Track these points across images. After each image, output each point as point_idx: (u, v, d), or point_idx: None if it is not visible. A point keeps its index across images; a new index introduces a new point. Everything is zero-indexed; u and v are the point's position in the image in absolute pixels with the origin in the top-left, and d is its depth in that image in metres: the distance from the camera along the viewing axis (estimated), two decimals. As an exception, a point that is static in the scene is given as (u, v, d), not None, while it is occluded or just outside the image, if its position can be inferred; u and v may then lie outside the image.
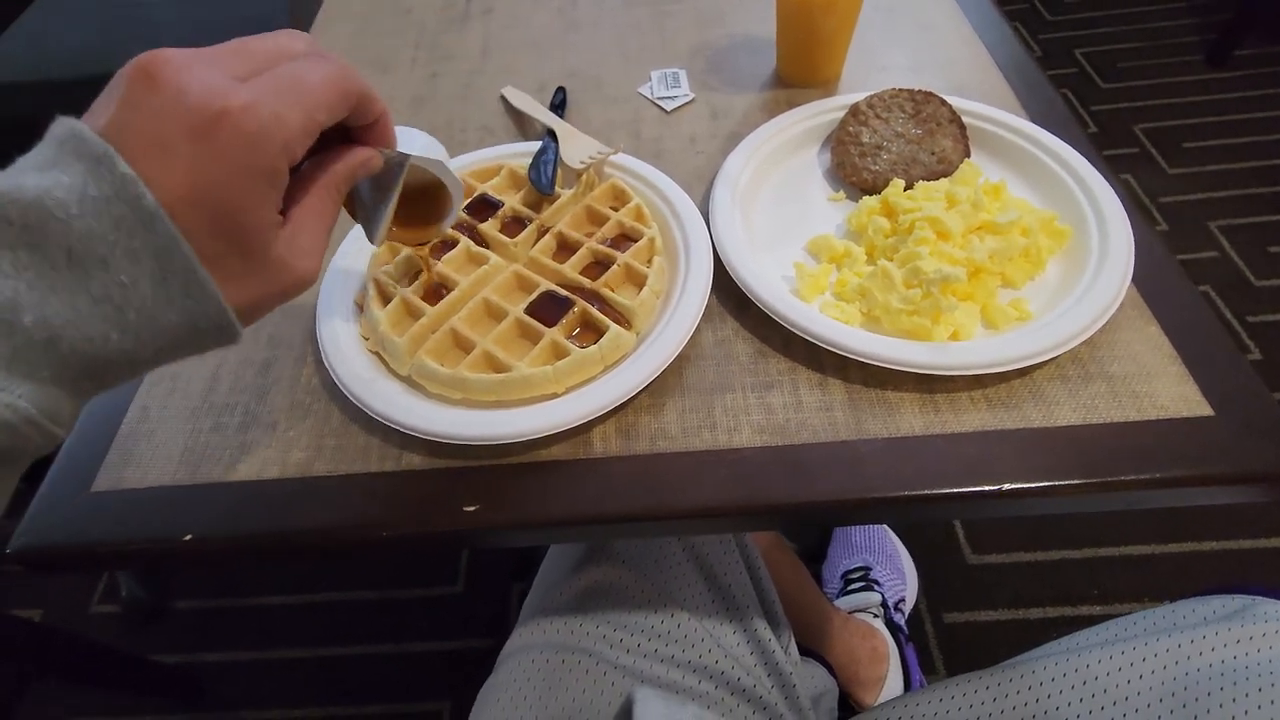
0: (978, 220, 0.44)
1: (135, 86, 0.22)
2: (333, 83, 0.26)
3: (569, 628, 0.47)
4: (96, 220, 0.21)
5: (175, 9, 1.35)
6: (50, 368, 0.21)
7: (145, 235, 0.21)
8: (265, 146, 0.24)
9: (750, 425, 0.40)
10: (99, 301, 0.21)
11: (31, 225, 0.20)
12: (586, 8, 0.71)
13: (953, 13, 0.65)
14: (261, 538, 0.38)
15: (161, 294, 0.22)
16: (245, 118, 0.23)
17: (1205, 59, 1.76)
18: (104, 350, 0.22)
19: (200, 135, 0.22)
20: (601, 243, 0.46)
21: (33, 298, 0.20)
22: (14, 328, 0.20)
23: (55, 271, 0.20)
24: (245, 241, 0.24)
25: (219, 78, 0.23)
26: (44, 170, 0.21)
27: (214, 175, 0.23)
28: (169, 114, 0.22)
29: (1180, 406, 0.38)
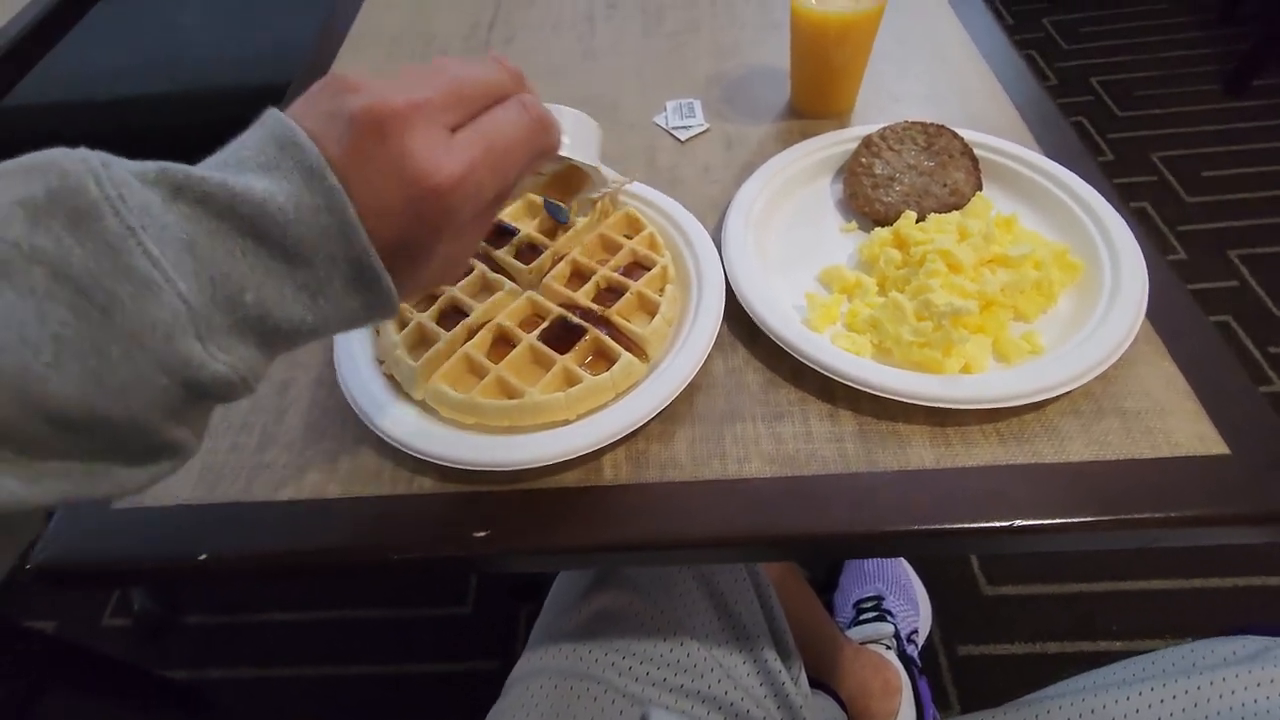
0: (989, 253, 0.44)
1: (363, 136, 0.25)
2: (531, 142, 0.30)
3: (577, 654, 0.47)
4: (307, 227, 0.24)
5: (208, 33, 1.40)
6: (258, 336, 0.25)
7: (344, 245, 0.25)
8: (461, 215, 0.28)
9: (760, 455, 0.40)
10: (300, 289, 0.25)
11: (257, 222, 0.24)
12: (604, 36, 0.73)
13: (965, 45, 0.66)
14: (275, 558, 0.39)
15: (348, 289, 0.26)
16: (452, 197, 0.27)
17: (1223, 88, 1.76)
18: (298, 327, 0.26)
19: (411, 203, 0.26)
20: (615, 271, 0.47)
21: (254, 279, 0.24)
22: (236, 305, 0.24)
23: (272, 261, 0.24)
24: (416, 268, 0.29)
25: (437, 142, 0.26)
26: (268, 172, 0.24)
27: (411, 232, 0.27)
28: (390, 176, 0.26)
29: (1196, 444, 0.37)
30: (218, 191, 0.23)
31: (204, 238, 0.23)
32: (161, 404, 0.23)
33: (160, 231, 0.22)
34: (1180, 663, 0.44)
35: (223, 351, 0.24)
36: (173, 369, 0.23)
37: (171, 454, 0.25)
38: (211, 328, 0.23)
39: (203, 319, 0.23)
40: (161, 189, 0.23)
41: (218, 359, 0.24)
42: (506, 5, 0.79)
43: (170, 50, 1.37)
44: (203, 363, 0.23)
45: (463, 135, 0.27)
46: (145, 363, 0.22)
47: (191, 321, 0.23)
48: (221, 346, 0.24)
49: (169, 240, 0.22)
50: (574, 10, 0.77)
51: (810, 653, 0.78)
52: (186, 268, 0.23)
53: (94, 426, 0.22)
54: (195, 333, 0.23)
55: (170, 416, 0.24)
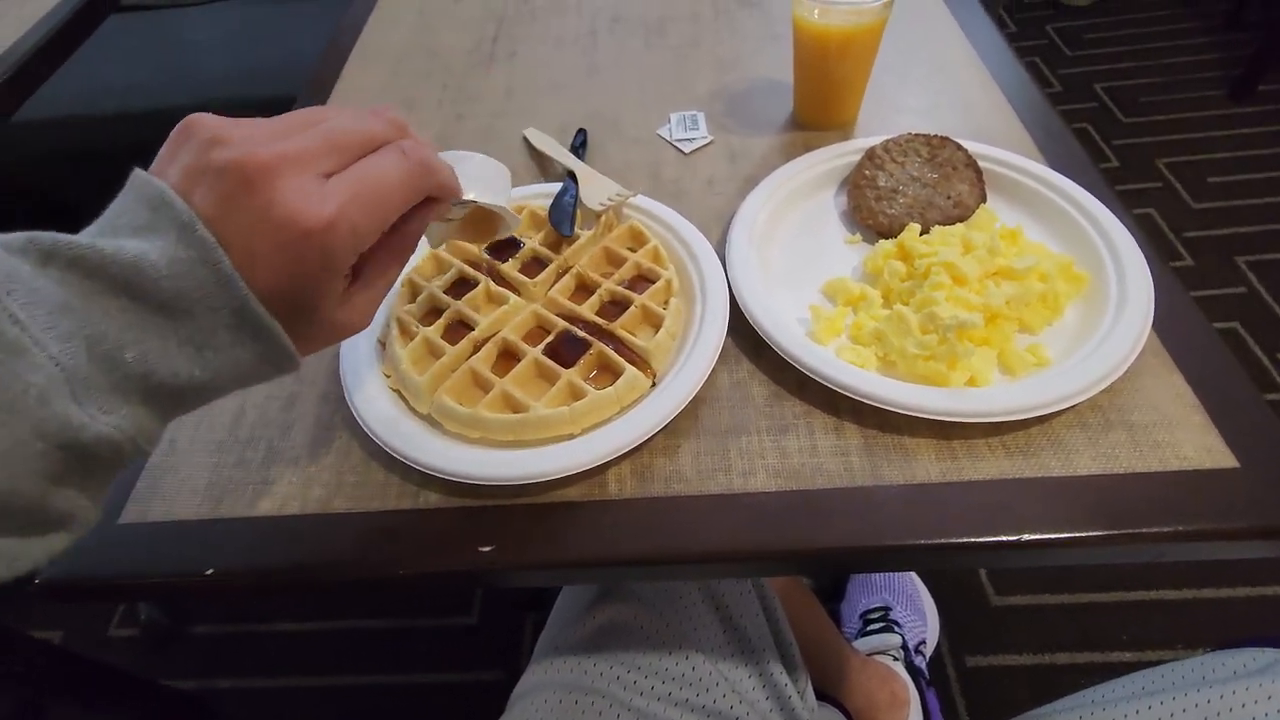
0: (994, 265, 0.44)
1: (231, 188, 0.25)
2: (409, 185, 0.29)
3: (582, 667, 0.47)
4: (183, 281, 0.24)
5: (217, 49, 1.41)
6: (143, 395, 0.25)
7: (223, 295, 0.25)
8: (340, 256, 0.27)
9: (765, 469, 0.40)
10: (184, 344, 0.25)
11: (131, 282, 0.24)
12: (607, 51, 0.73)
13: (968, 56, 0.66)
14: (280, 573, 0.39)
15: (235, 339, 0.26)
16: (326, 237, 0.26)
17: (1228, 94, 1.75)
18: (187, 382, 0.26)
19: (284, 248, 0.26)
20: (619, 284, 0.47)
21: (131, 336, 0.24)
22: (117, 362, 0.24)
23: (150, 317, 0.24)
24: (312, 314, 0.29)
25: (307, 189, 0.26)
26: (140, 233, 0.25)
27: (292, 278, 0.27)
28: (259, 224, 0.25)
29: (1204, 457, 0.37)
30: (88, 254, 0.23)
31: (77, 300, 0.23)
32: (42, 471, 0.22)
33: (29, 295, 0.22)
34: (1190, 675, 0.44)
35: (104, 413, 0.23)
36: (49, 433, 0.22)
37: (62, 526, 0.25)
38: (90, 388, 0.23)
39: (79, 380, 0.23)
40: (30, 257, 0.23)
41: (99, 420, 0.23)
42: (509, 21, 0.80)
43: (179, 65, 1.38)
44: (82, 424, 0.23)
45: (334, 180, 0.27)
46: (20, 428, 0.21)
47: (66, 383, 0.22)
48: (103, 407, 0.23)
49: (40, 303, 0.22)
50: (577, 25, 0.78)
51: (816, 665, 0.77)
52: (60, 330, 0.22)
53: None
54: (71, 394, 0.22)
55: (55, 484, 0.23)
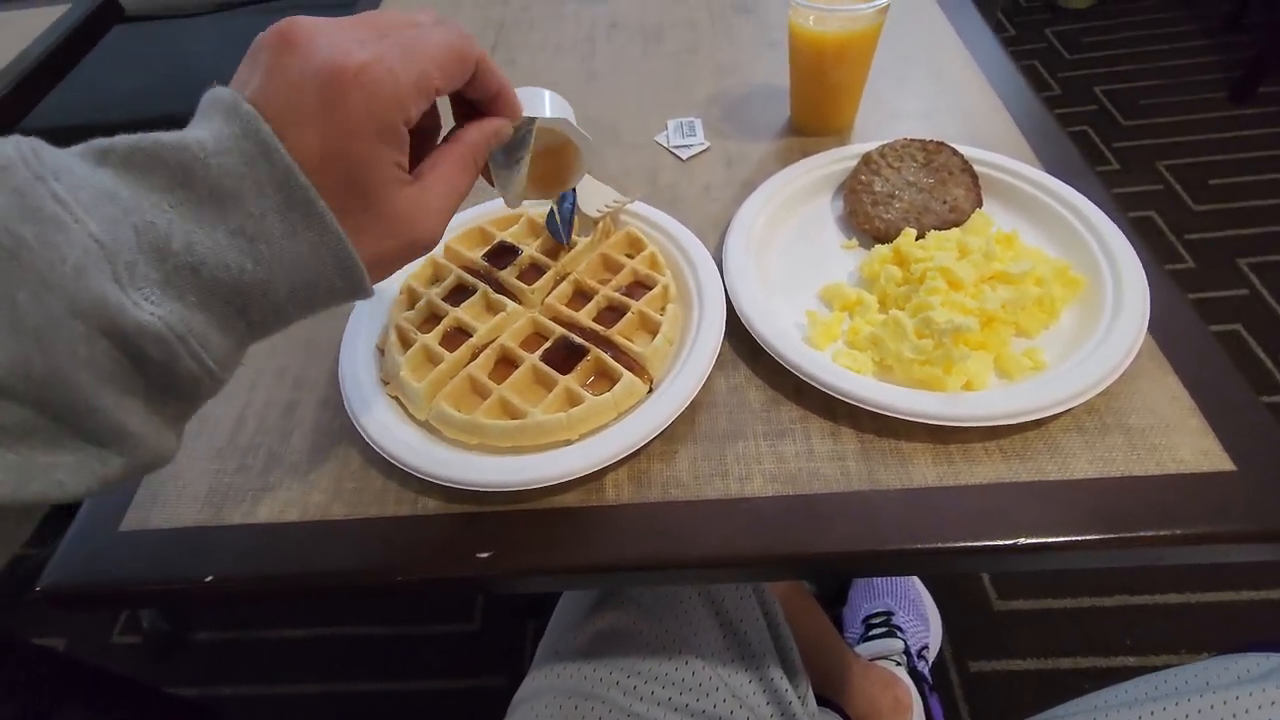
0: (990, 270, 0.44)
1: (273, 52, 0.26)
2: (448, 45, 0.28)
3: (582, 673, 0.47)
4: (229, 157, 0.24)
5: (220, 58, 1.42)
6: (196, 293, 0.23)
7: (268, 167, 0.24)
8: (381, 102, 0.26)
9: (762, 474, 0.40)
10: (234, 234, 0.24)
11: (184, 165, 0.23)
12: (605, 58, 0.74)
13: (965, 61, 0.66)
14: (279, 580, 0.39)
15: (286, 225, 0.25)
16: (363, 75, 0.25)
17: (1229, 96, 1.75)
18: (241, 280, 0.24)
19: (324, 95, 0.25)
20: (617, 290, 0.47)
21: (181, 229, 0.23)
22: (165, 254, 0.23)
23: (200, 207, 0.23)
24: (367, 194, 0.27)
25: (345, 41, 0.26)
26: (194, 125, 0.25)
27: (337, 133, 0.25)
28: (300, 77, 0.25)
29: (1201, 461, 0.37)
30: (141, 143, 0.23)
31: (127, 189, 0.23)
32: (88, 360, 0.21)
33: (75, 179, 0.22)
34: (1193, 681, 0.43)
35: (150, 302, 0.22)
36: (85, 310, 0.21)
37: (120, 442, 0.23)
38: (136, 275, 0.22)
39: (122, 262, 0.22)
40: (89, 157, 0.23)
41: (143, 307, 0.22)
42: (508, 29, 0.80)
43: (182, 74, 1.40)
44: (121, 305, 0.21)
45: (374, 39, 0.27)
46: (55, 303, 0.21)
47: (107, 261, 0.21)
48: (150, 298, 0.22)
49: (85, 188, 0.22)
50: (575, 32, 0.78)
51: (818, 670, 0.77)
52: (104, 212, 0.22)
53: (20, 387, 0.21)
54: (112, 273, 0.21)
55: (108, 383, 0.22)
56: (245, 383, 0.48)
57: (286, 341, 0.50)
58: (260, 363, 0.49)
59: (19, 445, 0.21)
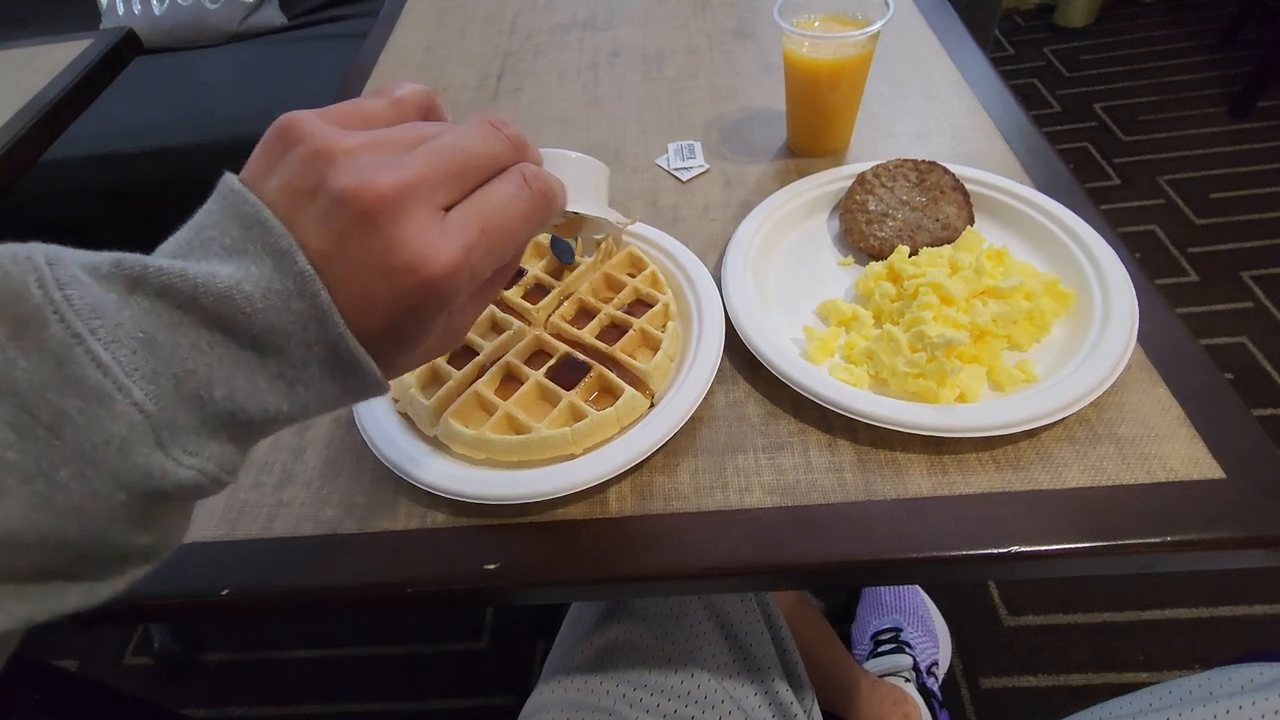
0: (981, 285, 0.45)
1: (347, 223, 0.23)
2: (531, 220, 0.27)
3: (589, 686, 0.47)
4: (277, 315, 0.23)
5: (235, 89, 1.46)
6: (229, 431, 0.23)
7: (318, 329, 0.23)
8: (457, 300, 0.26)
9: (761, 486, 0.41)
10: (273, 379, 0.23)
11: (223, 316, 0.22)
12: (608, 84, 0.76)
13: (956, 83, 0.68)
14: (293, 593, 0.40)
15: (327, 374, 0.24)
16: (448, 282, 0.24)
17: (1229, 110, 1.77)
18: (274, 417, 0.24)
19: (401, 294, 0.24)
20: (619, 308, 0.49)
21: (222, 373, 0.22)
22: (205, 400, 0.22)
23: (241, 352, 0.23)
24: (409, 348, 0.27)
25: (430, 228, 0.24)
26: (233, 256, 0.23)
27: (402, 322, 0.25)
28: (377, 266, 0.23)
29: (1191, 469, 0.38)
30: (178, 283, 0.22)
31: (164, 333, 0.21)
32: (124, 518, 0.21)
33: (113, 332, 0.20)
34: (1197, 691, 0.44)
35: (189, 455, 0.22)
36: (131, 484, 0.21)
37: (143, 559, 0.23)
38: (175, 430, 0.22)
39: (164, 424, 0.21)
40: (116, 284, 0.21)
41: (183, 464, 0.22)
42: (514, 56, 0.83)
43: (200, 104, 1.43)
44: (165, 472, 0.21)
45: (457, 215, 0.25)
46: (100, 481, 0.20)
47: (151, 430, 0.21)
48: (188, 449, 0.22)
49: (124, 340, 0.21)
50: (579, 59, 0.81)
51: (826, 685, 0.77)
52: (145, 369, 0.21)
53: (47, 548, 0.20)
54: (156, 440, 0.21)
55: (134, 526, 0.22)
56: (260, 402, 0.50)
57: (300, 362, 0.52)
58: (274, 383, 0.51)
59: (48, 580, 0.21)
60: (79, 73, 0.94)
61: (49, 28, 1.65)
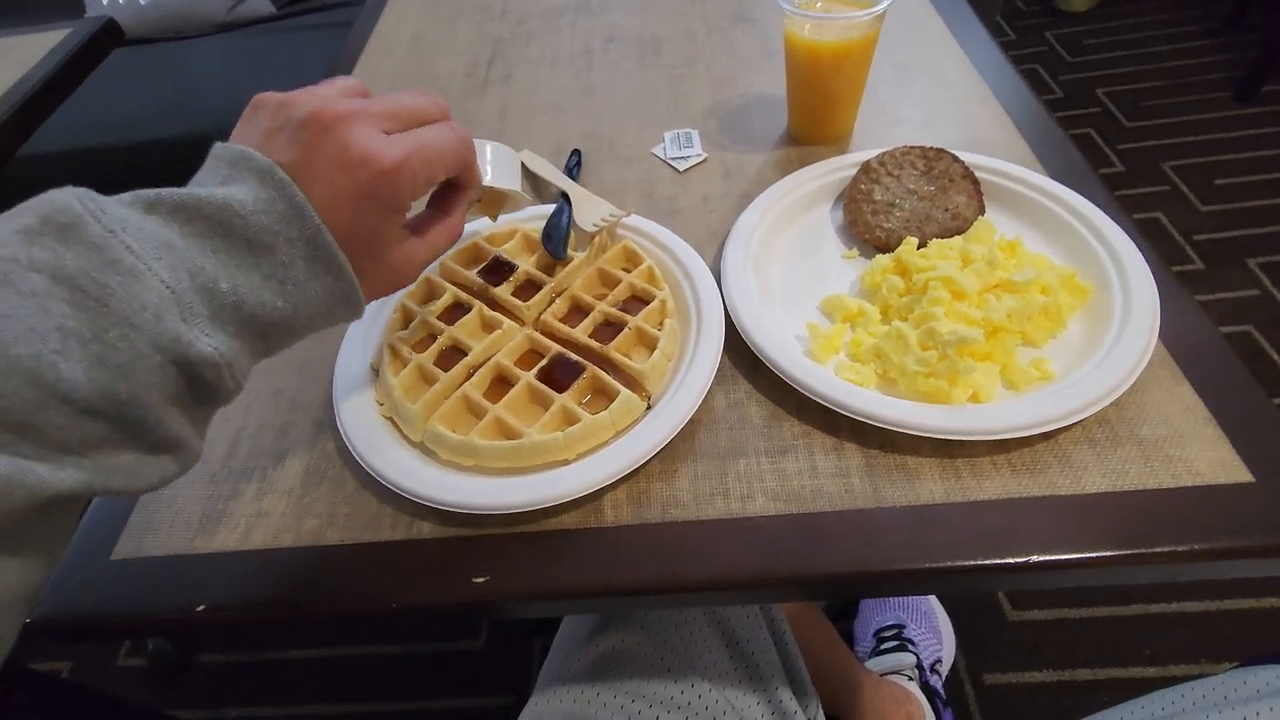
0: (994, 279, 0.43)
1: (312, 135, 0.30)
2: (455, 152, 0.35)
3: (585, 696, 0.46)
4: (266, 216, 0.28)
5: (219, 80, 1.43)
6: (235, 325, 0.28)
7: (300, 225, 0.29)
8: (403, 195, 0.33)
9: (764, 492, 0.39)
10: (268, 277, 0.29)
11: (223, 221, 0.28)
12: (602, 71, 0.74)
13: (964, 67, 0.65)
14: (273, 607, 0.38)
15: (311, 271, 0.30)
16: (394, 174, 0.31)
17: (1233, 95, 1.74)
18: (270, 314, 0.29)
19: (359, 181, 0.31)
20: (613, 305, 0.47)
21: (226, 272, 0.28)
22: (214, 293, 0.27)
23: (240, 254, 0.28)
24: (377, 251, 0.34)
25: (376, 134, 0.31)
26: (226, 184, 0.29)
27: (365, 212, 0.31)
28: (337, 163, 0.30)
29: (1217, 472, 0.36)
30: (187, 199, 0.27)
31: (178, 239, 0.27)
32: (160, 384, 0.26)
33: (139, 233, 0.26)
34: (1211, 694, 0.42)
35: (206, 335, 0.27)
36: (164, 346, 0.25)
37: (174, 449, 0.28)
38: (193, 313, 0.27)
39: (185, 304, 0.26)
40: (138, 206, 0.27)
41: (203, 340, 0.27)
42: (505, 44, 0.80)
43: (183, 96, 1.41)
44: (190, 340, 0.26)
45: (397, 135, 0.32)
46: (140, 341, 0.25)
47: (176, 303, 0.26)
48: (205, 331, 0.27)
49: (147, 239, 0.26)
50: (571, 46, 0.78)
51: (828, 688, 0.76)
52: (165, 261, 0.26)
53: (103, 407, 0.24)
54: (180, 314, 0.26)
55: (170, 401, 0.26)
56: (240, 405, 0.48)
57: (281, 363, 0.50)
58: (255, 385, 0.49)
59: (93, 453, 0.25)
60: (57, 63, 0.92)
61: (32, 17, 1.61)
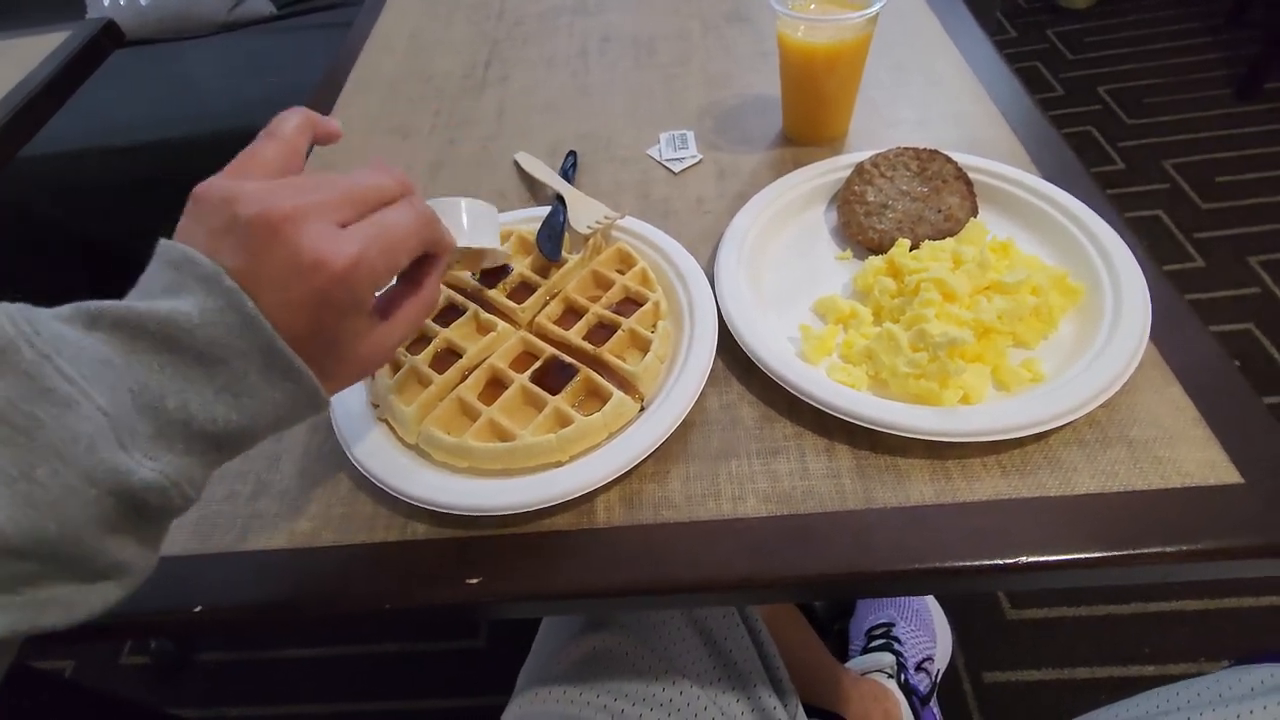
0: (985, 280, 0.43)
1: (259, 239, 0.27)
2: (416, 235, 0.32)
3: (568, 697, 0.46)
4: (215, 328, 0.26)
5: (218, 81, 1.43)
6: (184, 442, 0.26)
7: (252, 338, 0.27)
8: (362, 294, 0.30)
9: (756, 494, 0.39)
10: (220, 391, 0.27)
11: (169, 336, 0.26)
12: (598, 73, 0.74)
13: (959, 68, 0.65)
14: (268, 609, 0.39)
15: (267, 381, 0.28)
16: (350, 275, 0.28)
17: (1234, 93, 1.74)
18: (225, 428, 0.27)
19: (314, 287, 0.28)
20: (607, 307, 0.47)
21: (174, 387, 0.26)
22: (159, 412, 0.25)
23: (189, 368, 0.26)
24: (340, 350, 0.31)
25: (328, 233, 0.28)
26: (171, 293, 0.26)
27: (320, 318, 0.29)
28: (289, 269, 0.27)
29: (1207, 473, 0.36)
30: (128, 315, 0.25)
31: (120, 356, 0.25)
32: (96, 518, 0.24)
33: (76, 355, 0.24)
34: (1206, 693, 0.42)
35: (149, 459, 0.25)
36: (99, 479, 0.23)
37: (119, 574, 0.26)
38: (135, 435, 0.25)
39: (125, 428, 0.24)
40: (76, 323, 0.25)
41: (145, 465, 0.24)
42: (501, 44, 0.80)
43: (182, 97, 1.41)
44: (129, 469, 0.24)
45: (353, 226, 0.29)
46: (72, 476, 0.23)
47: (113, 430, 0.24)
48: (148, 453, 0.25)
49: (85, 361, 0.24)
50: (568, 46, 0.78)
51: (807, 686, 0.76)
52: (104, 382, 0.24)
53: (32, 548, 0.22)
54: (118, 441, 0.24)
55: (110, 531, 0.24)
56: (236, 408, 0.48)
57: (278, 365, 0.50)
58: (251, 387, 0.49)
59: (25, 589, 0.23)
60: (57, 65, 0.92)
61: (34, 19, 1.61)
